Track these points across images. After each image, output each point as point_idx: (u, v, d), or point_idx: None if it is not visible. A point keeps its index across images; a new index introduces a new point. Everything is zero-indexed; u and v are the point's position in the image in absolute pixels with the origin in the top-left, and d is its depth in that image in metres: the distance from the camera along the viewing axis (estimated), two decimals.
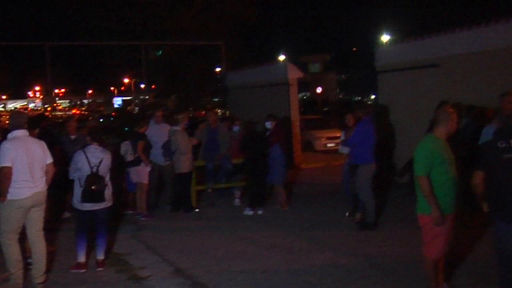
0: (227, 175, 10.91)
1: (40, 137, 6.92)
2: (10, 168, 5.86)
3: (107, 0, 30.28)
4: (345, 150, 9.14)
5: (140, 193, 9.75)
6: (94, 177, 6.65)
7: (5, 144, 5.99)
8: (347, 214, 9.19)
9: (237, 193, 10.85)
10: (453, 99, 9.75)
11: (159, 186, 10.72)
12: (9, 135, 6.14)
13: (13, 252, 6.01)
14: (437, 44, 11.57)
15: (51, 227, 8.34)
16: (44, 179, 6.24)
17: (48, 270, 6.49)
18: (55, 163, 6.52)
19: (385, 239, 7.80)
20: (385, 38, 35.01)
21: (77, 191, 6.73)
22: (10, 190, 5.90)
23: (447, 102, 8.86)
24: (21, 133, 6.14)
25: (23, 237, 6.27)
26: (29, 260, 6.31)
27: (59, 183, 7.47)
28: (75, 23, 30.93)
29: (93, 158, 6.73)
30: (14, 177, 5.90)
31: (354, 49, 61.74)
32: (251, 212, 9.80)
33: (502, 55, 9.95)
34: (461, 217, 5.38)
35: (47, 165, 6.28)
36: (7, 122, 9.82)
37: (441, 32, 11.63)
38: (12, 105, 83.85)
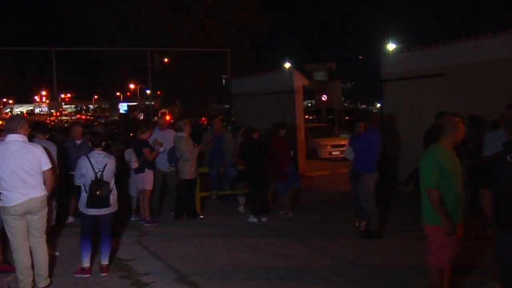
0: (231, 182, 10.91)
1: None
2: None
3: (109, 7, 30.44)
4: (350, 156, 9.13)
5: (144, 199, 9.76)
6: (99, 183, 6.67)
7: None
8: (356, 224, 8.90)
9: (241, 200, 10.85)
10: (459, 109, 9.73)
11: (162, 192, 10.72)
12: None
13: (21, 259, 6.00)
14: (443, 54, 11.55)
15: (54, 232, 8.38)
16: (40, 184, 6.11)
17: (51, 275, 6.49)
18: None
19: (388, 248, 7.78)
20: (390, 46, 35.03)
21: (83, 196, 6.75)
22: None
23: (445, 113, 8.84)
24: (13, 137, 5.97)
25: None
26: None
27: (62, 188, 7.45)
28: (80, 29, 31.08)
29: (97, 164, 6.73)
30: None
31: (360, 57, 61.89)
32: (255, 219, 9.79)
33: (509, 65, 9.92)
34: (468, 226, 5.32)
35: (45, 172, 6.09)
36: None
37: (447, 41, 11.62)
38: (18, 110, 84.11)
